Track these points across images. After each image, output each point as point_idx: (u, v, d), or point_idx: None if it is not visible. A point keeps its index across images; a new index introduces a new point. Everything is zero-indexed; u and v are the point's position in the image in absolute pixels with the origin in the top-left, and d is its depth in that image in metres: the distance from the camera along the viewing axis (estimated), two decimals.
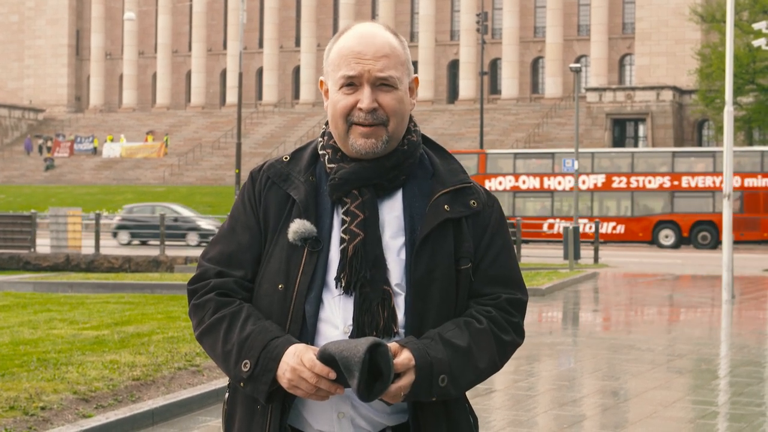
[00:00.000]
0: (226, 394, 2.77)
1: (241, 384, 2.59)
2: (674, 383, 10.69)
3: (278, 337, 2.56)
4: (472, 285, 2.69)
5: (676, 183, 41.15)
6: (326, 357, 2.45)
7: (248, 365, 2.55)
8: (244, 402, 2.67)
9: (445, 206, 2.67)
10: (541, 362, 12.11)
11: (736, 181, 38.33)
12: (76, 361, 9.33)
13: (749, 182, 40.11)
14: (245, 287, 2.69)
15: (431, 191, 2.69)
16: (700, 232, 40.84)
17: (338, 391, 2.48)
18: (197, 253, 31.51)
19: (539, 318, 16.81)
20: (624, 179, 41.63)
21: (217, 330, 2.63)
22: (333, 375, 2.44)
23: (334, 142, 2.71)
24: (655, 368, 11.52)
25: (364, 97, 2.62)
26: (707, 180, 40.54)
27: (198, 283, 2.71)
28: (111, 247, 34.92)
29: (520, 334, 2.72)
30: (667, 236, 40.85)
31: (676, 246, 40.74)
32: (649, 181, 41.25)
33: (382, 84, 2.64)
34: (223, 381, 9.04)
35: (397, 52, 2.67)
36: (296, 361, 2.48)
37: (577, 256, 27.74)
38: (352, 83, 2.64)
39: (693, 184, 40.81)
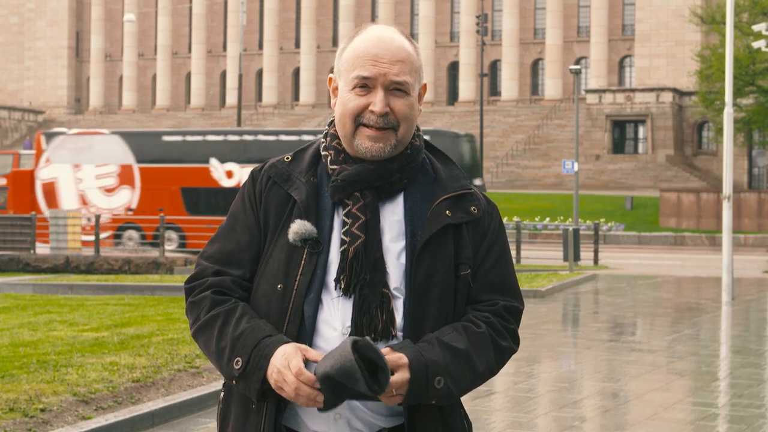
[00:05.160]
0: (221, 393, 2.77)
1: (234, 381, 2.60)
2: (674, 385, 10.69)
3: (270, 336, 2.56)
4: (469, 291, 2.70)
5: None
6: (325, 380, 2.44)
7: (240, 363, 2.56)
8: (239, 401, 2.68)
9: (447, 212, 2.67)
10: (541, 364, 12.11)
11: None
12: (76, 362, 9.33)
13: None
14: (243, 286, 2.69)
15: (433, 196, 2.69)
16: None
17: (318, 399, 2.47)
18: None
19: (539, 319, 16.79)
20: None
21: (211, 327, 2.63)
22: (317, 384, 2.45)
23: (338, 143, 2.71)
24: (655, 370, 11.51)
25: (377, 101, 2.61)
26: None
27: (195, 282, 2.71)
28: (111, 248, 34.88)
29: (516, 341, 2.74)
30: None
31: None
32: None
33: (395, 89, 2.63)
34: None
35: (412, 58, 2.67)
36: (283, 364, 2.50)
37: (576, 257, 27.69)
38: (365, 85, 2.63)
39: None
